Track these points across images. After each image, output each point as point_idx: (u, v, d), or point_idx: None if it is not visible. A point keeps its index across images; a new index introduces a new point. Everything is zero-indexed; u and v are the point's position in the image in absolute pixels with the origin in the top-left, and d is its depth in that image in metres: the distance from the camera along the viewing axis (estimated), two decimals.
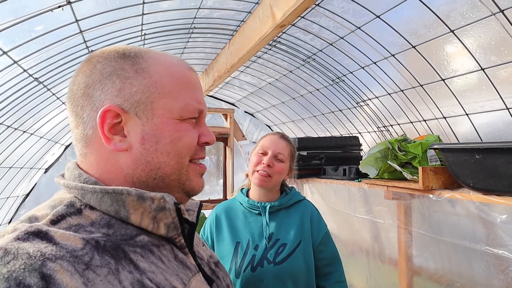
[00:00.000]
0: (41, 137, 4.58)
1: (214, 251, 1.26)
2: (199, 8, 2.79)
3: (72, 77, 0.54)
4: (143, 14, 2.55)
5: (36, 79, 2.74)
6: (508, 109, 2.77)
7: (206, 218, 1.48)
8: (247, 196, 1.37)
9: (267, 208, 1.29)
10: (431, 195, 1.56)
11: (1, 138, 3.61)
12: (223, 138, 3.83)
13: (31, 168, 5.15)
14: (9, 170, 4.46)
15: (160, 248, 0.50)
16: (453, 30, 2.48)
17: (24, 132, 3.95)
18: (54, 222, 0.44)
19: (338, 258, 1.34)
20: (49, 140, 4.89)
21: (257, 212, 1.31)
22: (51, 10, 1.84)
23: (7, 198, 4.93)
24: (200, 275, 0.55)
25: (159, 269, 0.47)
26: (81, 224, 0.45)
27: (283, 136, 1.36)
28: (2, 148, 3.84)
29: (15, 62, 2.32)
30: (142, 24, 2.75)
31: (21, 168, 4.80)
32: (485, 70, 2.63)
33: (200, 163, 0.59)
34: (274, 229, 1.27)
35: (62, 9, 1.86)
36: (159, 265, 0.48)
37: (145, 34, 2.97)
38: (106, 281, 0.40)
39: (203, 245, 0.70)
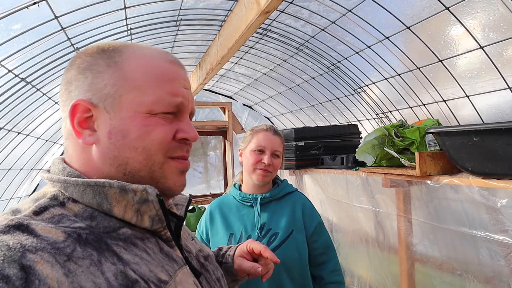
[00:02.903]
0: (37, 138, 4.55)
1: (209, 245, 1.33)
2: None
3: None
4: (125, 7, 2.47)
5: (23, 79, 2.68)
6: (510, 88, 2.67)
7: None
8: (240, 190, 1.41)
9: (258, 199, 1.33)
10: (429, 181, 1.53)
11: None
12: (222, 132, 3.79)
13: (31, 169, 5.14)
14: (8, 171, 4.45)
15: (145, 241, 0.50)
16: (448, 7, 2.37)
17: (19, 133, 3.92)
18: (37, 213, 0.44)
19: (332, 247, 1.37)
20: (46, 140, 4.87)
21: (249, 204, 1.35)
22: (27, 7, 1.77)
23: (10, 199, 4.94)
24: (187, 268, 0.55)
25: (144, 261, 0.47)
26: (64, 214, 0.45)
27: (276, 132, 1.40)
28: None
29: None
30: (126, 18, 2.67)
31: (21, 169, 4.79)
32: (484, 48, 2.53)
33: (183, 160, 0.55)
34: (266, 219, 1.30)
35: (38, 5, 1.79)
36: (143, 257, 0.47)
37: (130, 28, 2.89)
38: (88, 272, 0.39)
39: (192, 239, 0.70)
